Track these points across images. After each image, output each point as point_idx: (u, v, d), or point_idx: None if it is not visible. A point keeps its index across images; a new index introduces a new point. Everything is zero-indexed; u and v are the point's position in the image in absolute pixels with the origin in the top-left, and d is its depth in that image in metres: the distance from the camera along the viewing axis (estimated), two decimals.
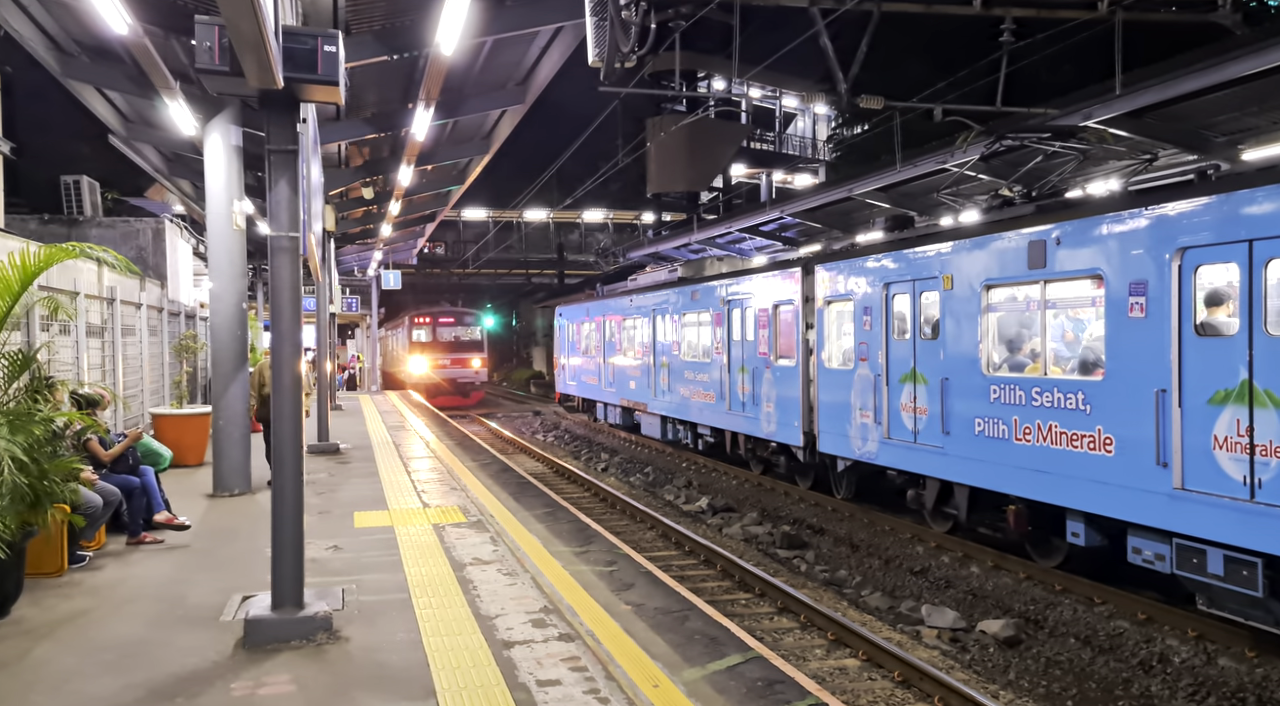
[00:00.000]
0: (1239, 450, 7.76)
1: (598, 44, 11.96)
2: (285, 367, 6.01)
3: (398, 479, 12.52)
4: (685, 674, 5.27)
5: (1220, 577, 7.96)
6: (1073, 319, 10.54)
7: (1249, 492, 7.67)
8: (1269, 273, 7.62)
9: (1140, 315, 8.72)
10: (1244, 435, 7.71)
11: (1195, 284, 8.28)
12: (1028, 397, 10.12)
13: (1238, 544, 7.76)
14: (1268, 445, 7.53)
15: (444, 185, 23.16)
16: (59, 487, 6.71)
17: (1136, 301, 8.74)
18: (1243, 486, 7.72)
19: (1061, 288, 10.09)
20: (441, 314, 41.15)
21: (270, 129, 5.85)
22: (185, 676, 5.33)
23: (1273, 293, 7.64)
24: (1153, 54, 13.82)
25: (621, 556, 8.00)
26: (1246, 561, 7.71)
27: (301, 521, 6.04)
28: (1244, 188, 7.90)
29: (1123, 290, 8.94)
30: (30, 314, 9.17)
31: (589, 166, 37.39)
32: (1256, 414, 7.62)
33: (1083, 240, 9.49)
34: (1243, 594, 7.83)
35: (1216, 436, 7.97)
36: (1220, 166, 9.41)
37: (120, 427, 11.98)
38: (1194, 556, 8.21)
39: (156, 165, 17.73)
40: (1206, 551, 8.08)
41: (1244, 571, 7.73)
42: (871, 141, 31.67)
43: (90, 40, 11.33)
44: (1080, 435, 9.44)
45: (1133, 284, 8.81)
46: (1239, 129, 13.55)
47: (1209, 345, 8.11)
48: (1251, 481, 7.66)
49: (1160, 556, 8.62)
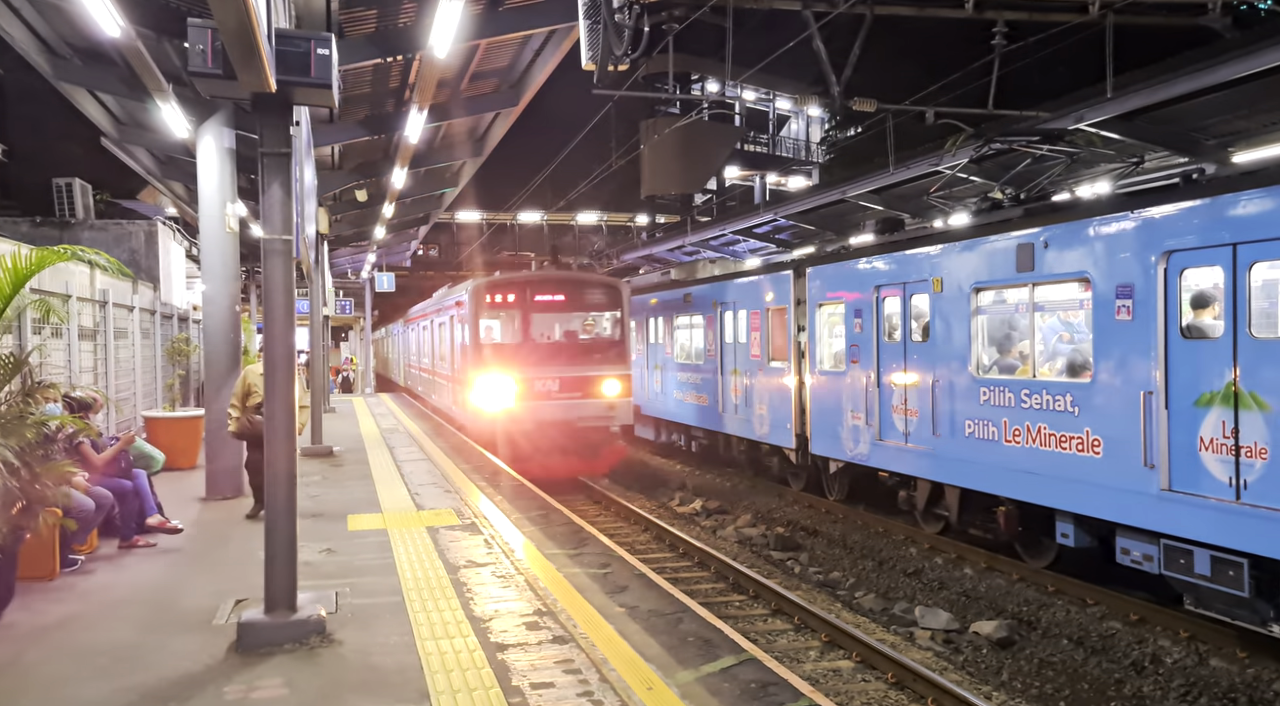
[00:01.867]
0: (1224, 451, 7.84)
1: (591, 47, 11.97)
2: (279, 369, 6.00)
3: (391, 481, 12.50)
4: (679, 676, 5.27)
5: (1207, 578, 8.03)
6: (1061, 322, 10.61)
7: (1234, 494, 7.74)
8: (1253, 275, 7.71)
9: (1127, 318, 8.80)
10: (1229, 437, 7.79)
11: (1181, 287, 8.37)
12: (1017, 399, 10.17)
13: (1224, 544, 7.83)
14: (1252, 446, 7.61)
15: (437, 188, 23.14)
16: (51, 491, 6.69)
17: (1123, 304, 8.83)
18: (1228, 488, 7.79)
19: (1050, 290, 10.16)
20: (543, 283, 17.85)
21: (263, 132, 5.84)
22: (178, 680, 5.31)
23: (1257, 295, 7.74)
24: (1144, 57, 13.88)
25: (615, 559, 8.01)
26: (1233, 561, 7.77)
27: (294, 524, 6.03)
28: (1228, 191, 8.00)
29: (1109, 293, 9.00)
30: (22, 317, 9.15)
31: (583, 169, 37.29)
32: (1241, 416, 7.70)
33: (1070, 243, 9.56)
34: (1229, 594, 7.90)
35: (1203, 438, 8.05)
36: (1205, 170, 9.50)
37: (113, 431, 11.94)
38: (1181, 557, 8.27)
39: (149, 168, 17.69)
40: (1194, 552, 8.14)
41: (1230, 571, 7.81)
42: (865, 144, 31.77)
43: (82, 43, 11.30)
44: (1069, 436, 9.49)
45: (1119, 287, 8.89)
46: (1229, 131, 13.62)
47: (1195, 348, 8.19)
48: (1237, 483, 7.73)
49: (1148, 557, 8.68)
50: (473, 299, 17.26)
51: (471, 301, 17.28)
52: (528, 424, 16.24)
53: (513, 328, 17.86)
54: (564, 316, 17.85)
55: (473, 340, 17.32)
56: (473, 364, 17.15)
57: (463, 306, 18.17)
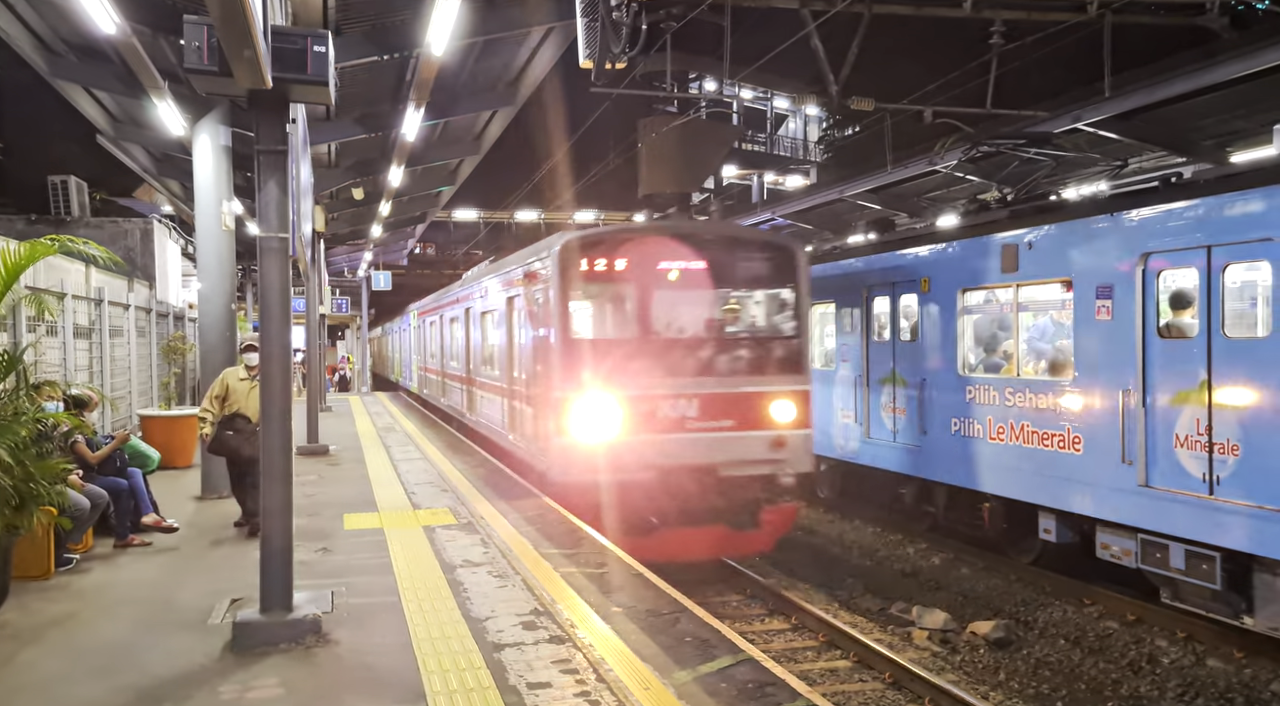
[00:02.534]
0: (1199, 448, 8.05)
1: (589, 45, 11.96)
2: (275, 368, 5.98)
3: (388, 480, 12.47)
4: (676, 676, 5.26)
5: (1182, 571, 8.26)
6: (1044, 321, 10.71)
7: (1208, 489, 7.96)
8: (1226, 277, 7.93)
9: (1107, 318, 9.01)
10: (1203, 434, 8.00)
11: (1158, 288, 8.59)
12: (1001, 398, 10.28)
13: (1198, 539, 8.05)
14: (1225, 443, 7.81)
15: (435, 186, 23.10)
16: (45, 489, 6.66)
17: (1103, 304, 9.03)
18: (1202, 483, 8.02)
19: (1033, 291, 10.32)
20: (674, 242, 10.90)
21: (259, 129, 5.82)
22: (173, 680, 5.29)
23: (1230, 296, 7.99)
24: (1141, 57, 13.89)
25: (612, 558, 7.99)
26: (1206, 555, 8.00)
27: (290, 523, 6.01)
28: (1203, 195, 8.21)
29: (1090, 293, 9.19)
30: (16, 313, 9.12)
31: (580, 167, 37.26)
32: (1215, 413, 7.90)
33: (1053, 245, 9.75)
34: (1203, 587, 8.11)
35: (1178, 435, 8.26)
36: (1183, 174, 9.72)
37: (108, 429, 11.91)
38: (1158, 551, 8.49)
39: (145, 165, 17.64)
40: (1169, 546, 8.36)
41: (1204, 565, 8.03)
42: (862, 143, 31.72)
43: (78, 40, 11.26)
44: (1051, 434, 9.64)
45: (1100, 287, 9.08)
46: (1227, 132, 13.63)
47: (1171, 347, 8.41)
48: (1210, 478, 7.94)
49: (1127, 551, 8.90)
50: (559, 266, 10.45)
51: (556, 271, 10.48)
52: (644, 471, 10.12)
53: (621, 313, 10.93)
54: (705, 296, 10.86)
55: (557, 332, 10.49)
56: (555, 371, 10.50)
57: (537, 281, 11.32)
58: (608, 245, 10.68)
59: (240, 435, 8.84)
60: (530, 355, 11.65)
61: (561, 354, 10.43)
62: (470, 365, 17.09)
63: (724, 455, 10.35)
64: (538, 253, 11.60)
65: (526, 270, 11.90)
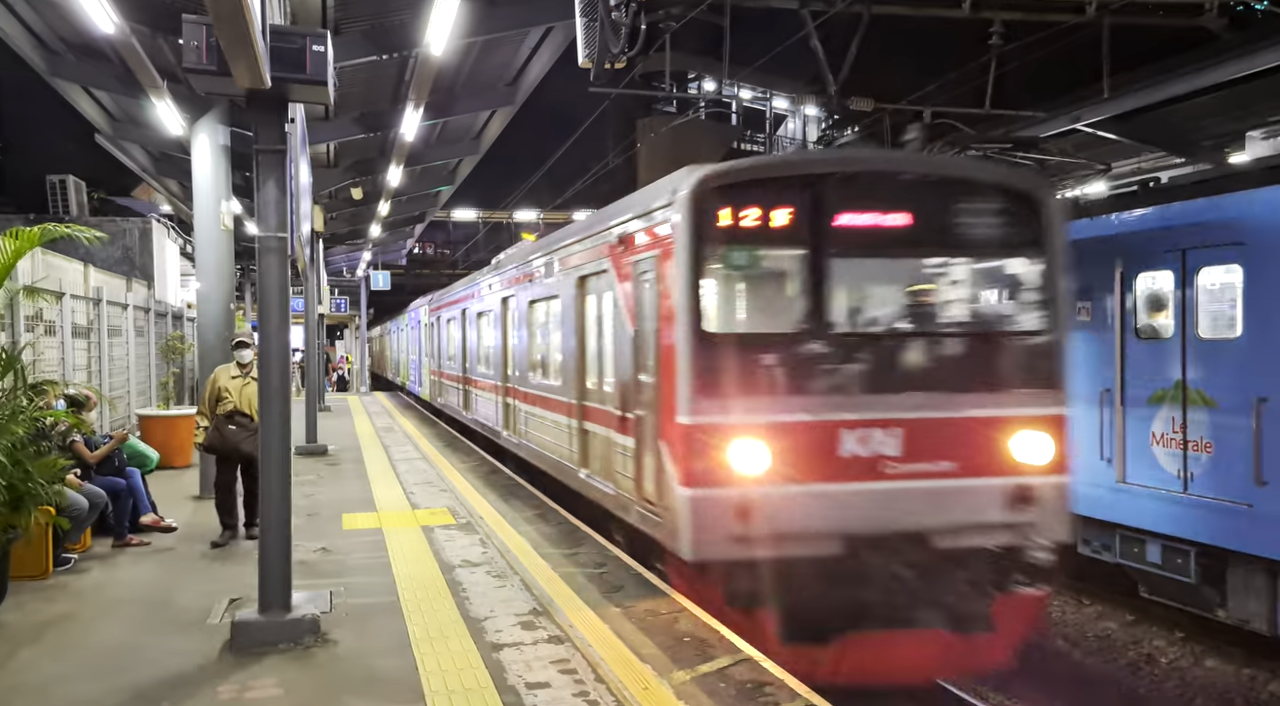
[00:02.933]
0: (1174, 446, 8.29)
1: (588, 45, 11.95)
2: (274, 367, 5.97)
3: (386, 480, 12.47)
4: (674, 676, 5.25)
5: (1158, 566, 8.49)
6: None
7: (1182, 485, 8.19)
8: (1200, 280, 8.16)
9: (1087, 319, 9.21)
10: (1178, 432, 8.23)
11: (1136, 290, 8.82)
12: None
13: (1173, 534, 8.27)
14: (1198, 441, 8.05)
15: (434, 185, 23.10)
16: (44, 489, 6.66)
17: (1083, 306, 9.20)
18: (1177, 480, 8.25)
19: None
20: (861, 180, 7.05)
21: (258, 129, 5.82)
22: (171, 680, 5.28)
23: (1203, 299, 8.19)
24: (1141, 58, 13.88)
25: (611, 558, 7.98)
26: (1181, 550, 8.22)
27: (289, 523, 6.01)
28: (1178, 200, 8.44)
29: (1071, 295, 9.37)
30: (14, 312, 9.12)
31: (579, 167, 37.22)
32: (1189, 412, 8.13)
33: None
34: (1179, 581, 8.32)
35: (1154, 433, 8.50)
36: (1160, 179, 9.98)
37: (106, 429, 11.89)
38: (1135, 546, 8.72)
39: (144, 165, 17.64)
40: (1146, 541, 8.60)
41: (1179, 559, 8.25)
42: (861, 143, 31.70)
43: (77, 39, 11.26)
44: None
45: (1080, 289, 9.21)
46: (1226, 132, 13.63)
47: (1148, 348, 8.65)
48: (1185, 475, 8.17)
49: (1106, 547, 9.11)
50: (691, 217, 6.77)
51: (688, 225, 6.77)
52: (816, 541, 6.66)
53: (783, 296, 7.30)
54: (912, 268, 7.56)
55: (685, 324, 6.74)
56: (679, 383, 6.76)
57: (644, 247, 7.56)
58: (766, 187, 6.98)
59: (242, 430, 8.74)
60: (630, 359, 7.82)
61: (693, 357, 6.67)
62: (510, 371, 13.35)
63: (940, 516, 6.79)
64: (645, 204, 7.71)
65: (623, 233, 8.07)
